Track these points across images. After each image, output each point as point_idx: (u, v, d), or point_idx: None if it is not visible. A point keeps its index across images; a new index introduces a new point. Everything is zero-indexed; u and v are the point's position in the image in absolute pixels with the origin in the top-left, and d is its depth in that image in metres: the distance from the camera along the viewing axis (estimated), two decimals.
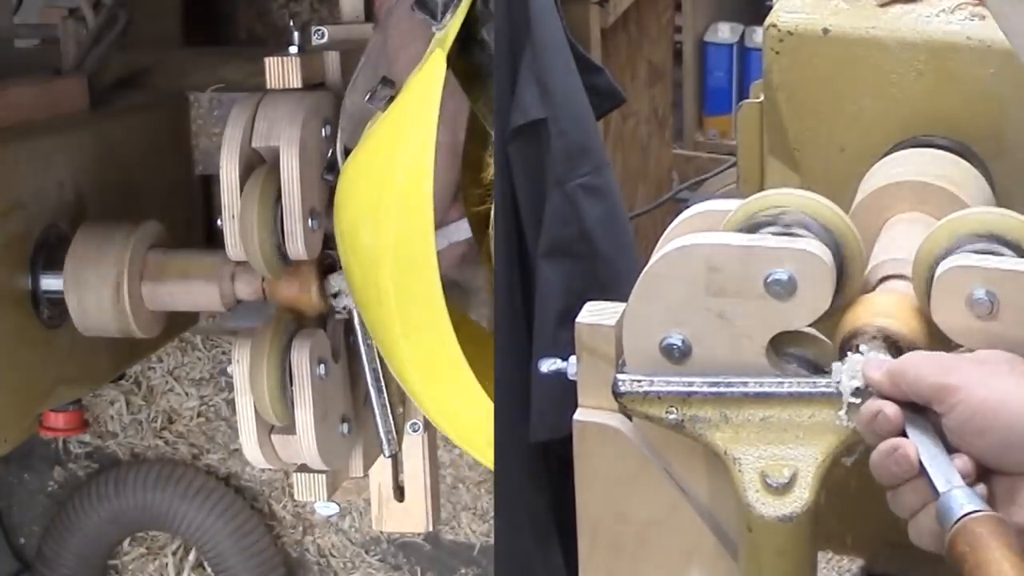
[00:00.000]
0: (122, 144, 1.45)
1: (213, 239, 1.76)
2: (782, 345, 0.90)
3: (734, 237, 0.88)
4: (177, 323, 1.44)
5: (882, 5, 1.12)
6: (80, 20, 1.49)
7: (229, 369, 1.17)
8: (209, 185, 1.75)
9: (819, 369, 0.90)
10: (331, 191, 1.18)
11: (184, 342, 2.54)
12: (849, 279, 0.89)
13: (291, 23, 1.22)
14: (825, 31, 1.12)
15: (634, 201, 2.79)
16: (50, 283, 1.26)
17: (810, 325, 0.89)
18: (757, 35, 3.50)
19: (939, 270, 0.86)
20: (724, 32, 3.73)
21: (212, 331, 2.37)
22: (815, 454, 0.88)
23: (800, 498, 0.88)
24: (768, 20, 1.15)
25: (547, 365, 0.99)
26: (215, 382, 2.56)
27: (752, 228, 0.89)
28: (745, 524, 0.89)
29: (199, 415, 2.60)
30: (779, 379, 0.88)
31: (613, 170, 1.56)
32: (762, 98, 1.20)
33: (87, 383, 1.42)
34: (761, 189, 1.21)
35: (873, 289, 0.93)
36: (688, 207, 0.97)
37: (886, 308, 0.89)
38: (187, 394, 2.60)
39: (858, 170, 1.10)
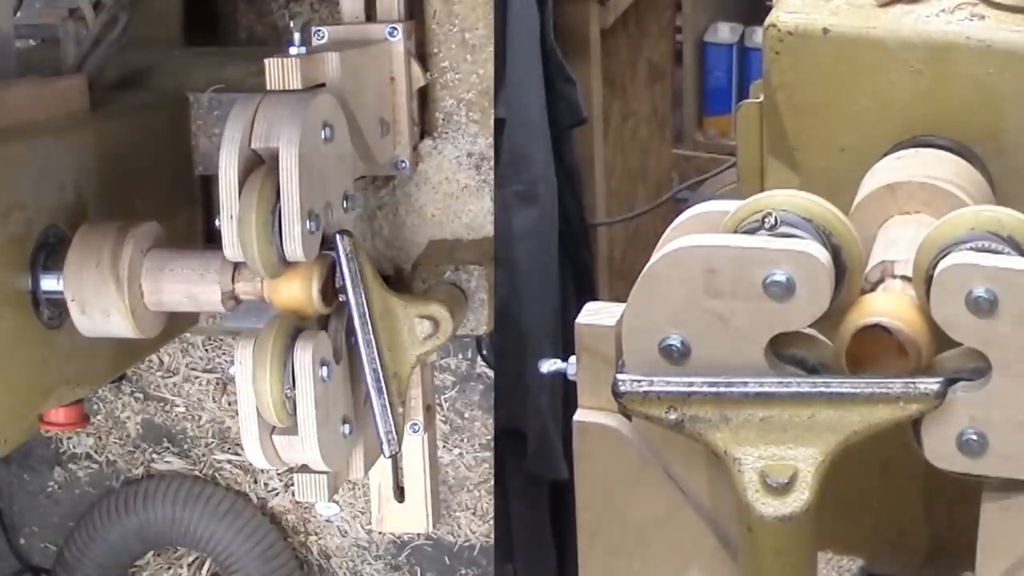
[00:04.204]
0: (122, 144, 1.45)
1: (213, 239, 1.76)
2: (781, 346, 0.90)
3: (732, 239, 0.88)
4: (177, 323, 1.44)
5: (882, 5, 1.12)
6: (80, 20, 1.49)
7: (231, 370, 1.17)
8: (209, 185, 1.75)
9: (817, 370, 0.90)
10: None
11: (184, 342, 2.54)
12: (848, 280, 0.89)
13: (291, 24, 1.22)
14: (825, 31, 1.12)
15: (634, 201, 2.79)
16: (50, 283, 1.26)
17: (809, 326, 0.89)
18: (757, 35, 3.50)
19: (939, 268, 0.86)
20: (724, 32, 3.73)
21: (212, 332, 2.37)
22: (815, 454, 0.88)
23: (800, 498, 0.88)
24: (768, 20, 1.15)
25: (547, 366, 0.99)
26: (215, 383, 2.56)
27: (751, 229, 0.89)
28: (745, 524, 0.89)
29: (198, 415, 2.60)
30: (779, 379, 0.88)
31: (553, 188, 1.57)
32: (762, 98, 1.20)
33: (87, 383, 1.42)
34: (761, 189, 1.21)
35: (873, 289, 0.93)
36: (688, 207, 0.97)
37: (887, 307, 0.89)
38: (186, 395, 2.59)
39: (858, 170, 1.10)
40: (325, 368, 1.18)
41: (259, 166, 1.15)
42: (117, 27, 1.51)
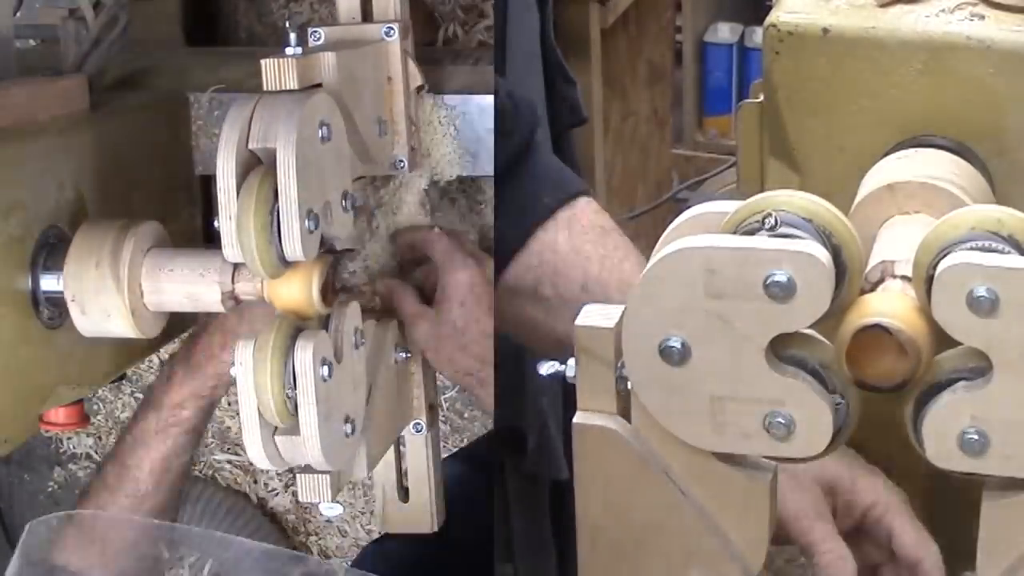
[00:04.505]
0: (122, 144, 1.45)
1: (213, 239, 1.76)
2: (781, 346, 0.90)
3: (732, 239, 0.88)
4: (177, 323, 1.44)
5: (882, 5, 1.12)
6: (80, 20, 1.49)
7: (231, 371, 1.16)
8: (209, 185, 1.75)
9: (817, 371, 0.90)
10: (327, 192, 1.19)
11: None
12: (848, 280, 0.89)
13: (287, 24, 1.22)
14: (825, 31, 1.12)
15: (634, 201, 2.80)
16: (50, 283, 1.26)
17: (810, 326, 0.89)
18: (757, 35, 3.50)
19: (939, 268, 0.86)
20: (724, 32, 3.74)
21: None
22: None
23: None
24: (768, 20, 1.15)
25: (546, 368, 0.99)
26: None
27: (751, 230, 0.89)
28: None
29: None
30: None
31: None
32: (762, 98, 1.20)
33: (87, 383, 1.42)
34: (761, 189, 1.21)
35: (873, 289, 0.93)
36: (688, 207, 0.97)
37: (887, 307, 0.89)
38: None
39: (858, 170, 1.10)
40: (326, 367, 1.18)
41: (257, 167, 1.14)
42: (117, 27, 1.51)
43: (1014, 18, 1.09)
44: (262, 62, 1.15)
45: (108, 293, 1.23)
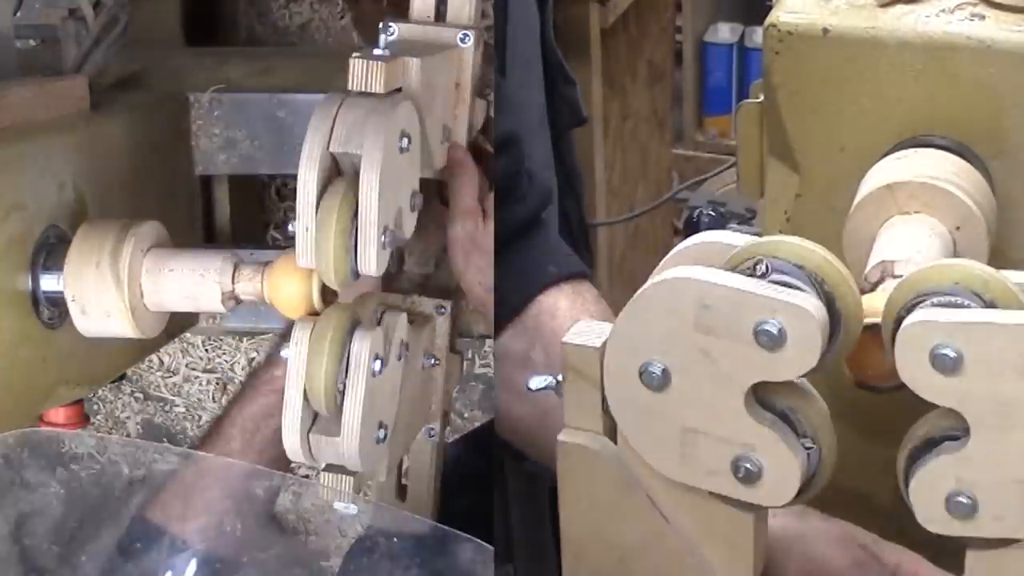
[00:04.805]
0: (122, 144, 1.45)
1: (213, 239, 1.76)
2: (763, 392, 0.88)
3: (731, 277, 0.86)
4: (177, 323, 1.44)
5: (882, 5, 1.12)
6: (80, 20, 1.49)
7: (282, 352, 1.15)
8: (209, 185, 1.75)
9: (793, 425, 0.88)
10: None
11: (184, 342, 2.54)
12: (844, 328, 0.86)
13: (380, 25, 1.18)
14: (825, 31, 1.12)
15: (634, 201, 2.79)
16: (50, 283, 1.26)
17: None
18: (757, 35, 3.50)
19: (902, 326, 0.83)
20: (724, 32, 3.74)
21: (212, 332, 2.37)
22: None
23: None
24: (768, 20, 1.15)
25: (536, 382, 0.98)
26: (215, 383, 2.56)
27: (751, 270, 0.87)
28: None
29: (198, 415, 2.60)
30: None
31: (553, 188, 1.58)
32: (762, 98, 1.20)
33: (87, 383, 1.42)
34: (761, 189, 1.21)
35: (873, 289, 0.93)
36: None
37: None
38: (186, 395, 2.60)
39: (858, 170, 1.10)
40: (378, 363, 1.17)
41: (338, 178, 1.13)
42: (117, 27, 1.51)
43: (1014, 18, 1.08)
44: (350, 61, 1.12)
45: (108, 293, 1.23)
